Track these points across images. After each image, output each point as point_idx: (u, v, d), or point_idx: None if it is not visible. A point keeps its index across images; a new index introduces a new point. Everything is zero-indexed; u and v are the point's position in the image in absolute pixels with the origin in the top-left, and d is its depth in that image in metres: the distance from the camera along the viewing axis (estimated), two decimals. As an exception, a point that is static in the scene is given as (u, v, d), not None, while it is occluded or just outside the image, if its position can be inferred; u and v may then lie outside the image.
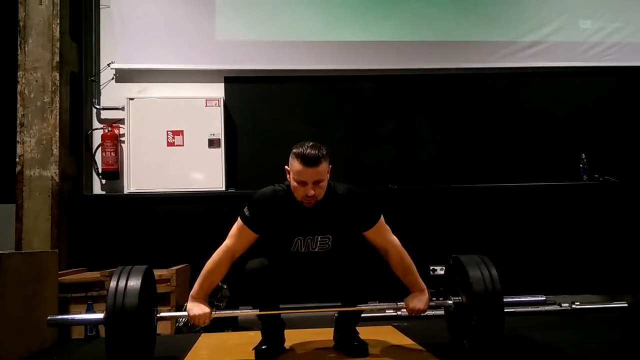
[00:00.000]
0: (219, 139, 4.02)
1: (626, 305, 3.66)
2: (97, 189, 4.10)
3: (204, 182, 4.00)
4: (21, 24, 3.76)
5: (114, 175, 4.04)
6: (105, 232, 3.89)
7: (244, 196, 3.82)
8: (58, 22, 3.78)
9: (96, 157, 4.10)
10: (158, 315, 2.31)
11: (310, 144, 2.15)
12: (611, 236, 4.06)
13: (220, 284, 3.40)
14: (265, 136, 4.17)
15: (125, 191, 3.98)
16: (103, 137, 4.04)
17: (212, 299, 3.28)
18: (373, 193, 3.83)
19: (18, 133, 3.71)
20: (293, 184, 2.18)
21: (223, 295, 3.33)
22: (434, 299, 2.46)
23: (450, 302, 2.37)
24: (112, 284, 2.11)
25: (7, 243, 3.63)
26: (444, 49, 4.36)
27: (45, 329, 2.83)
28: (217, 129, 4.02)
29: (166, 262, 3.60)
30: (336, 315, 2.49)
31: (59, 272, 3.16)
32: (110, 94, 4.17)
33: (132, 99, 4.06)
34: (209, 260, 2.25)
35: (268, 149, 4.07)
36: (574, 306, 3.61)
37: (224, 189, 4.01)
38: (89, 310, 3.05)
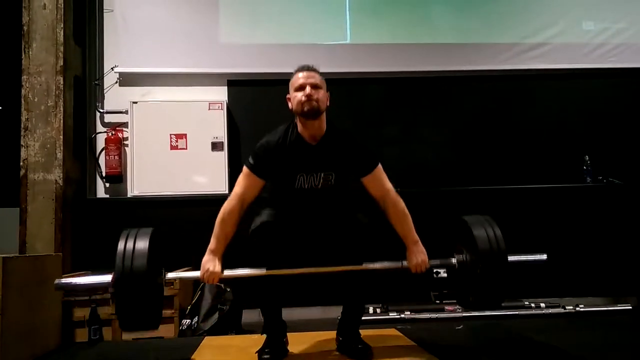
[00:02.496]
0: (222, 142, 4.03)
1: (630, 307, 3.65)
2: (100, 193, 4.12)
3: (208, 185, 4.01)
4: (25, 28, 3.78)
5: (117, 178, 4.05)
6: (109, 235, 3.85)
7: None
8: (62, 26, 3.80)
9: (100, 161, 4.11)
10: (166, 276, 2.33)
11: None
12: (615, 238, 4.04)
13: (223, 286, 3.41)
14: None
15: (129, 194, 3.99)
16: (107, 140, 4.06)
17: (216, 302, 3.29)
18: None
19: (22, 137, 3.72)
20: (294, 95, 2.26)
21: (226, 298, 3.34)
22: (437, 260, 2.46)
23: (454, 260, 2.40)
24: (120, 246, 2.15)
25: (11, 246, 3.65)
26: (447, 52, 4.37)
27: (50, 333, 2.84)
28: (220, 132, 4.03)
29: (170, 265, 3.60)
30: (339, 317, 2.49)
31: (63, 276, 3.16)
32: (114, 97, 4.19)
33: (136, 102, 4.07)
34: (220, 211, 2.30)
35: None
36: (578, 309, 3.61)
37: (227, 192, 4.01)
38: (93, 313, 3.06)
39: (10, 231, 3.72)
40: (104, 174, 4.07)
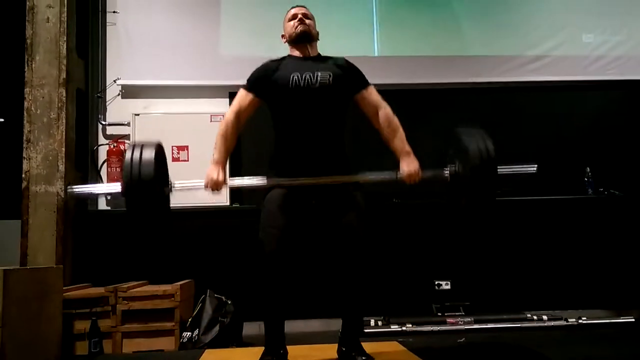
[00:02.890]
0: (224, 154, 4.03)
1: (633, 320, 3.64)
2: (102, 205, 4.12)
3: (209, 197, 3.98)
4: (28, 41, 3.80)
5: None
6: (110, 247, 3.90)
7: (248, 211, 3.85)
8: (65, 39, 3.82)
9: (102, 173, 4.12)
10: (173, 186, 2.41)
11: None
12: (617, 250, 4.03)
13: (224, 298, 3.40)
14: (269, 150, 4.18)
15: (131, 206, 3.98)
16: (109, 152, 4.07)
17: (217, 314, 3.28)
18: (376, 207, 3.88)
19: (24, 149, 3.73)
20: (287, 25, 2.49)
21: (227, 311, 3.33)
22: (430, 171, 2.49)
23: (447, 171, 2.43)
24: (128, 155, 2.20)
25: (12, 258, 3.64)
26: (447, 64, 4.38)
27: (50, 346, 2.84)
28: (222, 144, 4.04)
29: (170, 277, 3.61)
30: (340, 330, 2.48)
31: (64, 288, 3.16)
32: (116, 109, 4.21)
33: (138, 114, 4.09)
34: (220, 127, 2.44)
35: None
36: (580, 321, 3.59)
37: (228, 204, 4.02)
38: (93, 326, 3.05)
39: (12, 243, 3.72)
40: (105, 186, 4.08)
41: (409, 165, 2.39)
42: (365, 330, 2.85)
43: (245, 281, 3.35)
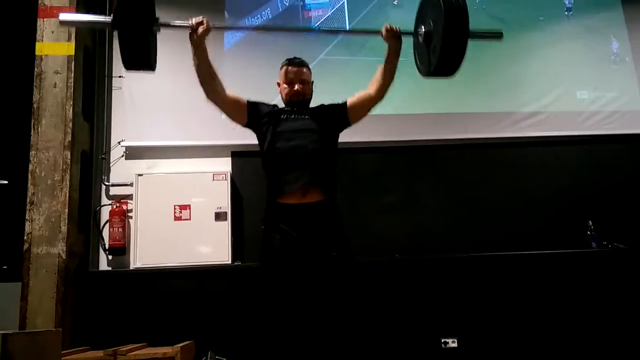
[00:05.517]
0: (226, 212, 4.05)
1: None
2: (103, 265, 4.10)
3: (211, 256, 3.99)
4: (35, 106, 3.89)
5: (120, 250, 4.05)
6: (110, 308, 3.84)
7: (250, 269, 3.83)
8: (71, 103, 3.91)
9: (103, 233, 4.12)
10: (160, 22, 2.33)
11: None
12: (622, 304, 3.96)
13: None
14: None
15: (132, 267, 3.97)
16: (111, 212, 4.09)
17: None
18: (379, 263, 3.86)
19: (27, 211, 3.74)
20: (284, 86, 2.59)
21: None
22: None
23: (421, 30, 2.45)
24: None
25: (11, 322, 3.59)
26: (445, 121, 4.47)
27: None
28: (224, 202, 4.07)
29: (171, 338, 3.54)
30: None
31: (62, 352, 3.10)
32: (120, 170, 4.27)
33: (141, 174, 4.13)
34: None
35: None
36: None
37: (230, 262, 3.99)
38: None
39: (12, 306, 3.68)
40: (107, 246, 4.08)
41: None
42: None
43: (246, 341, 3.30)
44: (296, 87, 2.54)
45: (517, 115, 4.49)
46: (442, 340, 3.81)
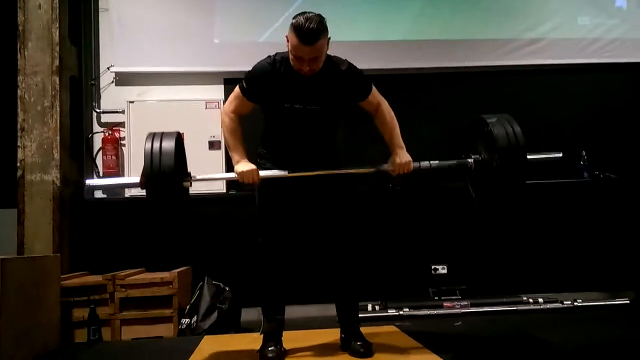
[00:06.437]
0: (220, 141, 4.02)
1: (628, 302, 3.67)
2: (98, 193, 4.10)
3: (205, 184, 3.99)
4: (20, 28, 3.75)
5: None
6: (107, 235, 3.89)
7: (245, 198, 3.82)
8: (57, 26, 3.78)
9: (97, 161, 4.10)
10: (194, 178, 2.38)
11: (310, 15, 2.20)
12: (612, 233, 4.05)
13: (222, 285, 3.41)
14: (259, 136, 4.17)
15: (126, 194, 3.98)
16: (104, 140, 4.05)
17: (215, 301, 3.30)
18: (372, 193, 3.89)
19: (19, 137, 3.71)
20: (291, 55, 2.25)
21: (225, 297, 3.34)
22: (453, 161, 2.54)
23: (470, 160, 2.44)
24: (147, 146, 2.18)
25: (9, 247, 3.64)
26: (442, 48, 4.36)
27: (49, 334, 2.85)
28: (218, 130, 4.02)
29: (168, 264, 3.61)
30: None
31: (61, 276, 3.17)
32: (111, 97, 4.18)
33: (132, 102, 4.07)
34: (225, 127, 2.40)
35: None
36: (575, 304, 3.62)
37: (224, 191, 4.01)
38: (92, 314, 3.06)
39: (9, 232, 3.71)
40: (101, 174, 4.07)
41: (400, 158, 2.40)
42: (363, 315, 2.86)
43: (242, 267, 3.37)
44: (306, 67, 2.22)
45: (516, 42, 4.37)
46: (433, 267, 3.92)
